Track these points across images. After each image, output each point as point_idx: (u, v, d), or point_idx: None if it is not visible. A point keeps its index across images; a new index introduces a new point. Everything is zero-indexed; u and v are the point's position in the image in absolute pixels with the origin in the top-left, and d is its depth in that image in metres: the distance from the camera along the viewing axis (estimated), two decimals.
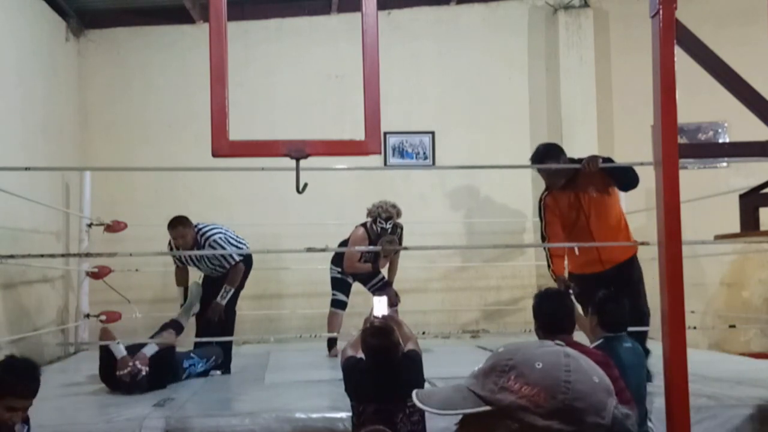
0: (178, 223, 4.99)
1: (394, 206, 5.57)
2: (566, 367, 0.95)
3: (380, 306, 3.07)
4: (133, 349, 4.34)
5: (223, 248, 4.96)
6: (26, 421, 2.61)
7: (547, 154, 4.44)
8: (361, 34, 2.46)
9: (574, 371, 0.95)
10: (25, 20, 5.94)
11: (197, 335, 5.17)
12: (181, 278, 5.38)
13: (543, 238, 4.44)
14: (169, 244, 5.22)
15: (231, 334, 5.22)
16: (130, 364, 4.18)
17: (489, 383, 0.97)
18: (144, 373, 4.18)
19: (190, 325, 5.27)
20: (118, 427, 3.36)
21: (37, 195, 5.49)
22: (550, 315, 2.95)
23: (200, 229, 5.07)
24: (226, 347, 5.06)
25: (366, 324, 3.09)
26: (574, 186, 4.30)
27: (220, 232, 5.09)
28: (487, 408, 0.96)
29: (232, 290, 5.09)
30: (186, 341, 5.06)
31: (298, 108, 7.11)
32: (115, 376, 4.22)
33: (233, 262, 5.08)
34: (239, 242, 5.22)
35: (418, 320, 6.62)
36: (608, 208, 4.30)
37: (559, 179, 4.32)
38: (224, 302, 5.06)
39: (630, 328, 3.46)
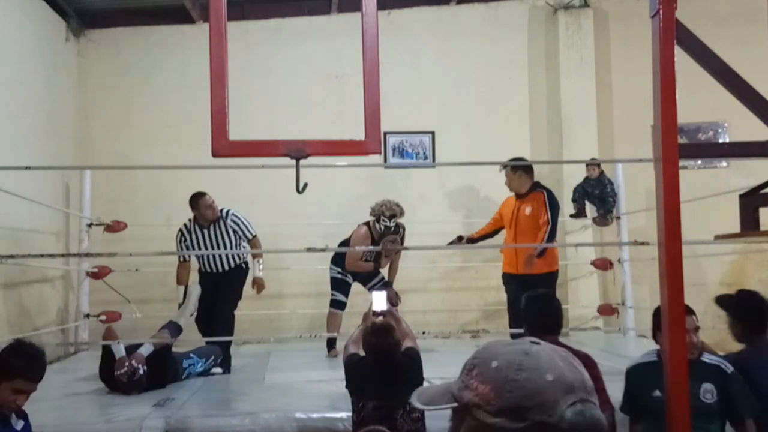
0: (204, 193, 5.21)
1: (398, 204, 5.58)
2: (518, 366, 0.96)
3: (379, 301, 3.09)
4: (131, 350, 4.34)
5: (243, 221, 5.32)
6: (24, 417, 2.62)
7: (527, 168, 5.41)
8: (361, 34, 2.46)
9: (526, 370, 0.96)
10: (25, 20, 5.94)
11: (202, 335, 5.19)
12: (183, 276, 5.37)
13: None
14: (180, 232, 5.22)
15: (231, 334, 5.22)
16: (127, 364, 4.18)
17: (459, 381, 1.02)
18: (141, 372, 4.18)
19: (191, 326, 5.27)
20: (118, 427, 3.36)
21: (37, 195, 5.49)
22: (538, 316, 3.01)
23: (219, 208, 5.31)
24: (226, 347, 5.07)
25: (365, 319, 3.11)
26: (521, 200, 5.27)
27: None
28: (455, 405, 1.00)
29: (262, 261, 5.43)
30: (186, 342, 5.06)
31: (298, 108, 7.11)
32: (113, 381, 4.23)
33: (250, 237, 5.35)
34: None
35: (418, 320, 6.61)
36: (531, 228, 5.15)
37: (520, 189, 5.33)
38: (261, 274, 5.39)
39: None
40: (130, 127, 7.17)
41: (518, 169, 5.21)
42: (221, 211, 5.27)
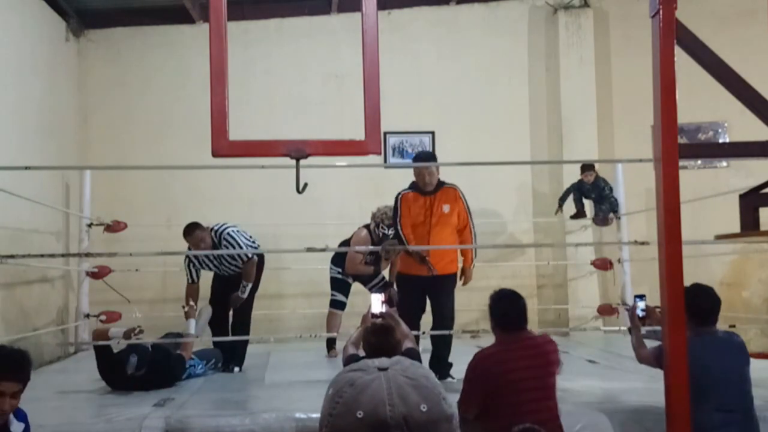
0: (194, 228, 5.02)
1: None
2: (338, 398, 0.94)
3: (377, 303, 3.10)
4: (135, 347, 4.35)
5: (237, 241, 5.06)
6: (24, 419, 2.61)
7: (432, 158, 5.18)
8: (361, 34, 2.46)
9: (343, 403, 0.93)
10: (25, 20, 5.94)
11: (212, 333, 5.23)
12: (193, 296, 5.23)
13: (396, 225, 4.96)
14: (188, 257, 5.16)
15: (248, 332, 5.27)
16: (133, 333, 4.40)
17: None
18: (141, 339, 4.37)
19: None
20: (118, 427, 3.35)
21: (37, 195, 5.49)
22: (505, 313, 3.03)
23: (213, 229, 5.13)
24: (242, 344, 5.14)
25: (364, 321, 3.11)
26: (433, 197, 4.80)
27: (233, 226, 5.19)
28: None
29: (250, 285, 5.16)
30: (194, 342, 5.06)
31: (298, 108, 7.11)
32: (114, 375, 4.26)
33: (246, 259, 5.12)
34: (251, 241, 5.28)
35: None
36: (449, 227, 4.82)
37: (430, 185, 4.83)
38: (244, 295, 5.15)
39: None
40: (130, 127, 7.17)
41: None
42: (215, 233, 5.07)
